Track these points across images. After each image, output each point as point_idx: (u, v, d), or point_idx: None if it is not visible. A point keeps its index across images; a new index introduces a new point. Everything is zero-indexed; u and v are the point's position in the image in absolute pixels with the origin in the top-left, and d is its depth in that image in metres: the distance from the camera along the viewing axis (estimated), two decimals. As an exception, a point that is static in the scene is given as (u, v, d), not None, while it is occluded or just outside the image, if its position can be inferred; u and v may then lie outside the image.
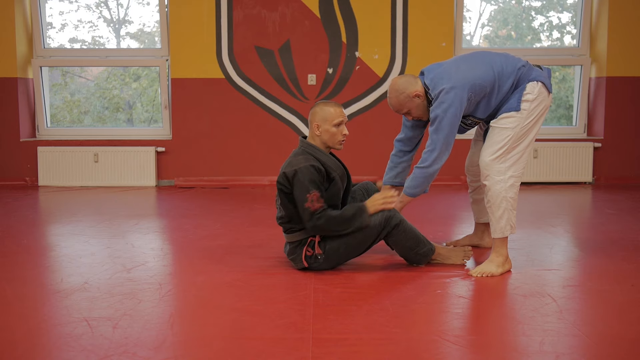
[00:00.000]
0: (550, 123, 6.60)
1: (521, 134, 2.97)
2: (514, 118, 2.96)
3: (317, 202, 2.82)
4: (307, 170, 2.85)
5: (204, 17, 5.96)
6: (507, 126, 2.96)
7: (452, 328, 2.29)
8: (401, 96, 3.07)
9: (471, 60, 3.06)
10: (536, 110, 2.98)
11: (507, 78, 2.98)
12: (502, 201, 2.95)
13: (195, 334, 2.22)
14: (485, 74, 2.97)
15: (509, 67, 2.99)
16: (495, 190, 2.95)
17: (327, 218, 2.83)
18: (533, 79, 2.98)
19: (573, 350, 2.08)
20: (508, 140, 2.95)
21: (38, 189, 5.91)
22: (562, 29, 6.67)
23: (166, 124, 6.18)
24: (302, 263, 2.96)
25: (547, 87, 3.00)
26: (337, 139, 2.97)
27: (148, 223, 4.34)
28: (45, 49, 6.16)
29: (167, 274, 3.03)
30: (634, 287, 2.76)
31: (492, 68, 2.99)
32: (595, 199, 5.31)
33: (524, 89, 2.97)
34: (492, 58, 3.05)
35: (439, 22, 5.96)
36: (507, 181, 2.95)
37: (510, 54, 3.11)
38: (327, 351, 2.06)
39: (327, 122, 2.94)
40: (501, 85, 2.98)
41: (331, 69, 5.99)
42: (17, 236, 3.86)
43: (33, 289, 2.78)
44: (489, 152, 2.97)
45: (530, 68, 3.04)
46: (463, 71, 2.99)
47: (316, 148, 2.96)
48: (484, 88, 2.97)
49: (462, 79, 2.96)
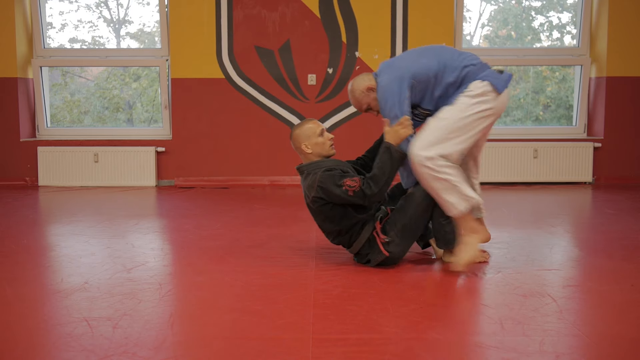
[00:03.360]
0: (550, 123, 6.60)
1: (455, 127, 2.93)
2: (448, 110, 2.96)
3: (352, 182, 2.92)
4: (324, 176, 2.97)
5: (204, 17, 5.96)
6: (439, 116, 2.97)
7: (452, 328, 2.29)
8: (356, 93, 3.19)
9: (419, 52, 3.12)
10: (476, 107, 2.94)
11: (452, 71, 2.98)
12: (435, 181, 2.90)
13: (195, 334, 2.22)
14: (429, 64, 3.00)
15: (455, 62, 3.00)
16: (424, 174, 2.92)
17: (373, 181, 2.92)
18: (480, 78, 2.97)
19: (573, 350, 2.08)
20: (437, 130, 2.93)
21: (38, 189, 5.91)
22: (562, 29, 6.67)
23: (166, 124, 6.18)
24: (383, 253, 3.00)
25: (496, 87, 2.95)
26: (326, 145, 3.12)
27: (148, 223, 4.34)
28: (45, 49, 6.16)
29: (167, 274, 3.03)
30: (634, 287, 2.76)
31: (437, 60, 3.01)
32: (595, 199, 5.31)
33: (467, 86, 2.97)
34: (443, 51, 3.08)
35: (439, 22, 5.96)
36: (437, 162, 2.90)
37: (467, 53, 3.09)
38: (327, 351, 2.06)
39: (311, 137, 3.10)
40: (444, 77, 2.99)
41: (331, 69, 5.99)
42: (17, 236, 3.86)
43: (33, 289, 2.78)
44: (420, 140, 2.95)
45: (481, 69, 3.01)
46: (407, 61, 3.06)
47: (316, 162, 3.09)
48: (428, 78, 2.99)
49: (403, 68, 3.01)
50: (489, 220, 4.31)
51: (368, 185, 2.91)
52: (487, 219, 4.36)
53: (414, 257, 3.29)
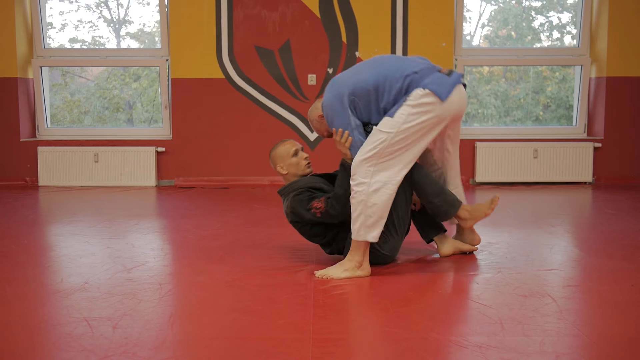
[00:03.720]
0: (551, 123, 6.60)
1: (397, 139, 2.82)
2: (389, 122, 2.85)
3: (319, 204, 2.97)
4: (293, 202, 3.04)
5: (204, 17, 5.96)
6: (381, 128, 2.85)
7: (452, 328, 2.29)
8: (313, 123, 3.19)
9: (363, 64, 3.04)
10: (418, 118, 2.82)
11: (394, 82, 2.88)
12: (358, 204, 2.85)
13: (195, 334, 2.22)
14: (369, 77, 2.91)
15: (397, 73, 2.89)
16: (355, 190, 2.86)
17: (336, 200, 2.95)
18: (422, 86, 2.83)
19: (573, 350, 2.08)
20: (380, 144, 2.83)
21: (38, 189, 5.91)
22: (562, 29, 6.67)
23: (166, 124, 6.18)
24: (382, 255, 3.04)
25: (438, 95, 2.81)
26: (301, 165, 3.15)
27: (148, 223, 4.34)
28: (46, 49, 6.16)
29: (167, 274, 3.04)
30: (634, 287, 2.76)
31: (375, 72, 2.92)
32: (595, 199, 5.31)
33: (409, 95, 2.85)
34: (383, 62, 2.99)
35: (439, 22, 5.96)
36: (372, 185, 2.83)
37: (413, 58, 3.01)
38: (327, 351, 2.06)
39: (285, 158, 3.15)
40: (387, 90, 2.89)
41: (331, 69, 5.99)
42: (17, 236, 3.86)
43: (33, 289, 2.78)
44: (360, 153, 2.88)
45: (425, 75, 2.87)
46: (346, 77, 2.99)
47: (291, 184, 3.13)
48: (368, 92, 2.90)
49: (341, 85, 2.95)
50: (489, 220, 4.31)
51: (332, 205, 2.94)
52: (487, 219, 4.36)
53: (414, 257, 3.29)
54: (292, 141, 3.19)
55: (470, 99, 6.47)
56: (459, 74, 2.93)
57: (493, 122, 6.60)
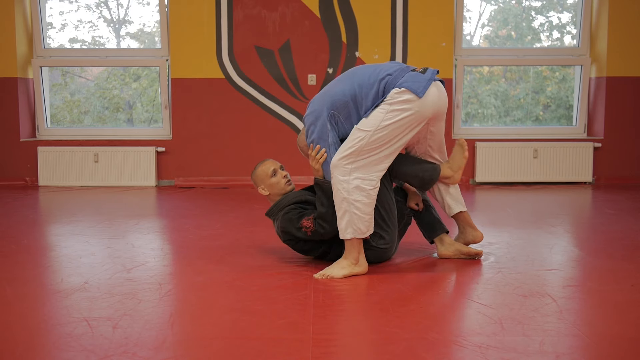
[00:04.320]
0: (551, 123, 6.60)
1: (375, 137, 2.83)
2: (367, 121, 2.86)
3: (308, 223, 2.99)
4: (283, 222, 3.05)
5: (204, 17, 5.96)
6: (359, 127, 2.86)
7: (452, 328, 2.29)
8: (304, 150, 3.19)
9: (338, 79, 3.05)
10: (397, 116, 2.82)
11: (370, 89, 2.89)
12: (342, 202, 2.86)
13: (195, 334, 2.22)
14: (344, 89, 2.93)
15: (371, 79, 2.91)
16: (336, 189, 2.87)
17: (322, 219, 2.96)
18: (397, 86, 2.84)
19: (573, 350, 2.08)
20: (358, 142, 2.83)
21: (38, 189, 5.91)
22: (562, 29, 6.67)
23: (166, 124, 6.18)
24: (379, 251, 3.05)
25: (414, 91, 2.81)
26: (281, 184, 3.15)
27: (148, 223, 4.34)
28: (45, 49, 6.16)
29: (167, 274, 3.04)
30: (634, 287, 2.76)
31: (352, 81, 2.94)
32: (595, 199, 5.31)
33: (386, 96, 2.86)
34: (357, 72, 3.00)
35: (439, 22, 5.96)
36: (351, 182, 2.84)
37: (386, 64, 3.01)
38: (327, 351, 2.06)
39: (264, 180, 3.17)
40: (364, 97, 2.90)
41: (331, 69, 5.99)
42: (17, 236, 3.86)
43: (33, 289, 2.78)
44: (339, 151, 2.89)
45: (399, 75, 2.88)
46: (325, 92, 3.00)
47: (277, 203, 3.14)
48: (346, 103, 2.92)
49: (320, 101, 2.97)
50: (489, 220, 4.31)
51: (320, 225, 2.96)
52: (487, 219, 4.37)
53: (414, 257, 3.29)
54: (271, 161, 3.20)
55: (470, 99, 6.47)
56: (433, 70, 2.93)
57: (493, 122, 6.60)
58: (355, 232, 2.88)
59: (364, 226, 2.88)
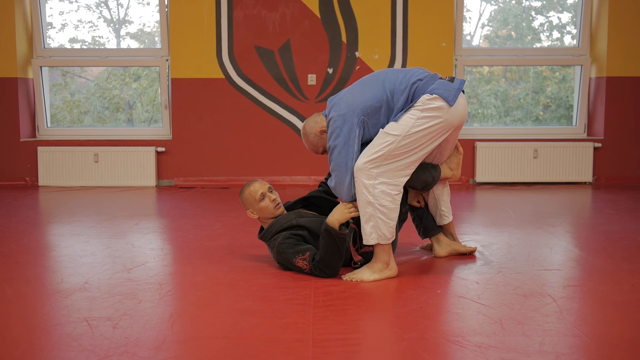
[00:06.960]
0: (551, 123, 6.60)
1: (403, 143, 2.80)
2: (396, 125, 2.83)
3: (303, 263, 2.90)
4: (280, 251, 2.97)
5: (204, 17, 5.96)
6: (388, 131, 2.82)
7: (452, 328, 2.29)
8: (310, 137, 3.10)
9: (364, 82, 2.99)
10: (427, 123, 2.80)
11: (401, 94, 2.87)
12: (367, 206, 2.82)
13: (195, 334, 2.22)
14: (376, 94, 2.89)
15: (402, 84, 2.89)
16: (360, 192, 2.84)
17: (324, 264, 2.87)
18: (429, 92, 2.82)
19: (573, 350, 2.08)
20: (387, 146, 2.80)
21: (38, 189, 5.91)
22: (562, 29, 6.67)
23: (166, 124, 6.18)
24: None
25: (446, 99, 2.80)
26: (269, 208, 3.06)
27: (148, 223, 4.34)
28: (46, 49, 6.16)
29: (167, 274, 3.04)
30: (634, 287, 2.76)
31: (383, 87, 2.90)
32: (595, 199, 5.31)
33: (416, 102, 2.84)
34: (386, 76, 2.96)
35: (439, 22, 5.96)
36: (377, 187, 2.80)
37: (413, 69, 2.99)
38: (327, 351, 2.06)
39: (253, 204, 3.07)
40: (395, 102, 2.88)
41: (331, 69, 5.99)
42: (17, 236, 3.86)
43: (33, 289, 2.78)
44: (365, 155, 2.85)
45: (429, 81, 2.88)
46: (353, 96, 2.93)
47: (269, 227, 3.06)
48: (377, 109, 2.89)
49: (352, 104, 2.90)
50: (489, 220, 4.31)
51: (320, 270, 2.87)
52: (487, 219, 4.37)
53: (413, 257, 3.30)
54: (259, 182, 3.09)
55: (470, 99, 6.47)
56: (462, 80, 2.93)
57: (493, 122, 6.60)
58: (380, 237, 2.85)
59: (389, 232, 2.85)
